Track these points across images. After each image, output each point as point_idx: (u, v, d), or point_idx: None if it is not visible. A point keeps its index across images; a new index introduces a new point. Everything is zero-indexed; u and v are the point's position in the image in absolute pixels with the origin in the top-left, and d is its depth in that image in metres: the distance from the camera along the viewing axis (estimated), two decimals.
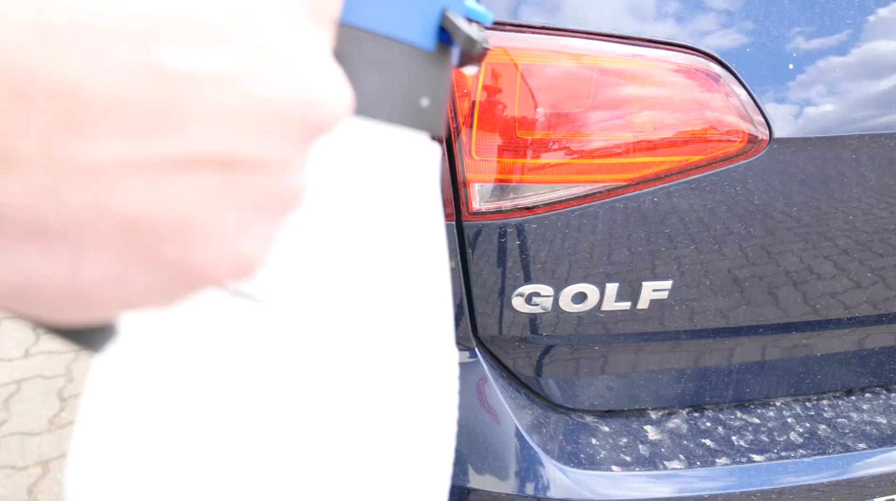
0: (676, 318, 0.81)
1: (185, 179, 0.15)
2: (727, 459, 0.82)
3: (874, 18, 0.74)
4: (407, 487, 0.27)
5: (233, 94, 0.15)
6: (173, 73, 0.14)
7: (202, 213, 0.15)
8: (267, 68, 0.15)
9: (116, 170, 0.14)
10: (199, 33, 0.14)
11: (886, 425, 0.90)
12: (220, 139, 0.15)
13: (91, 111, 0.13)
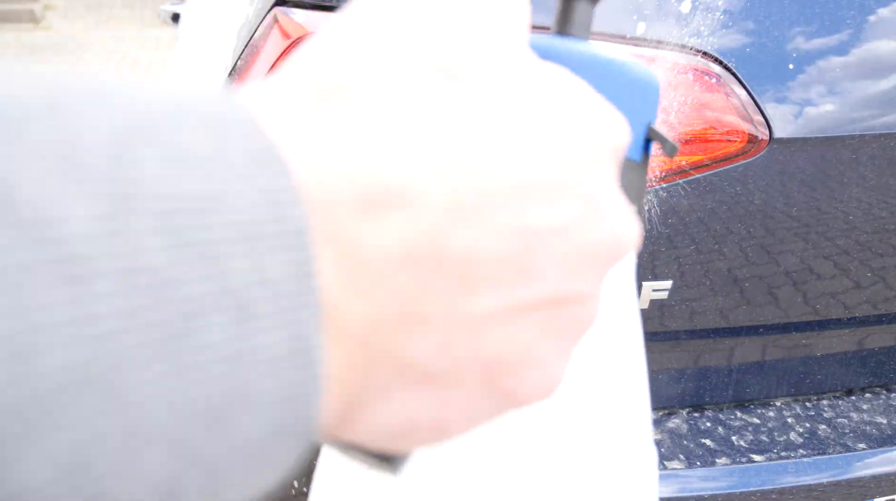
0: (676, 318, 0.81)
1: (530, 319, 0.17)
2: (727, 459, 0.82)
3: (874, 18, 0.74)
4: None
5: (570, 241, 0.17)
6: (534, 229, 0.16)
7: (536, 346, 0.17)
8: (592, 215, 0.17)
9: (490, 320, 0.16)
10: (549, 191, 0.16)
11: (886, 425, 0.90)
12: (560, 282, 0.17)
13: (481, 271, 0.15)
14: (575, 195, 0.17)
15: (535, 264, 0.16)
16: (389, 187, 0.14)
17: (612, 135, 0.19)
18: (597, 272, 0.18)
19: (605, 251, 0.18)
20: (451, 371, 0.16)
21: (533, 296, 0.16)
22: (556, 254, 0.16)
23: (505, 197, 0.15)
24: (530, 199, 0.16)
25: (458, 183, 0.15)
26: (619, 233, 0.18)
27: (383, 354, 0.15)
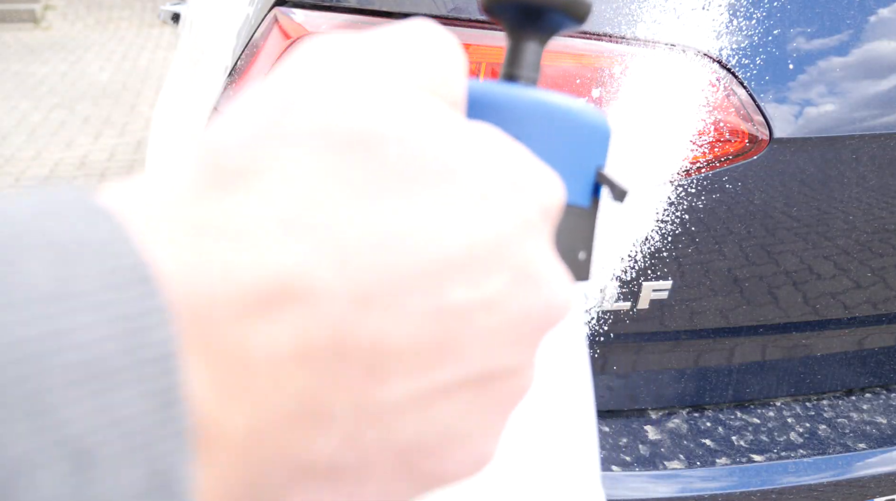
0: (676, 318, 0.81)
1: (451, 400, 0.16)
2: (727, 459, 0.82)
3: (874, 18, 0.74)
4: None
5: (496, 316, 0.16)
6: (454, 309, 0.15)
7: (458, 427, 0.16)
8: (521, 285, 0.16)
9: (403, 407, 0.15)
10: (471, 267, 0.15)
11: (886, 425, 0.90)
12: (486, 359, 0.16)
13: (392, 359, 0.14)
14: (501, 267, 0.16)
15: (456, 345, 0.15)
16: (281, 284, 0.13)
17: (542, 196, 0.18)
18: (529, 343, 0.17)
19: (538, 320, 0.17)
20: (360, 462, 0.15)
21: (454, 378, 0.16)
22: (480, 332, 0.16)
23: (418, 280, 0.14)
24: (448, 279, 0.15)
25: (364, 271, 0.14)
26: (553, 300, 0.17)
27: (278, 456, 0.14)
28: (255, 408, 0.13)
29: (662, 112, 0.70)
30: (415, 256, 0.14)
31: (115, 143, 4.19)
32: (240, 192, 0.14)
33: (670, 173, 0.72)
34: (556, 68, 0.68)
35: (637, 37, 0.69)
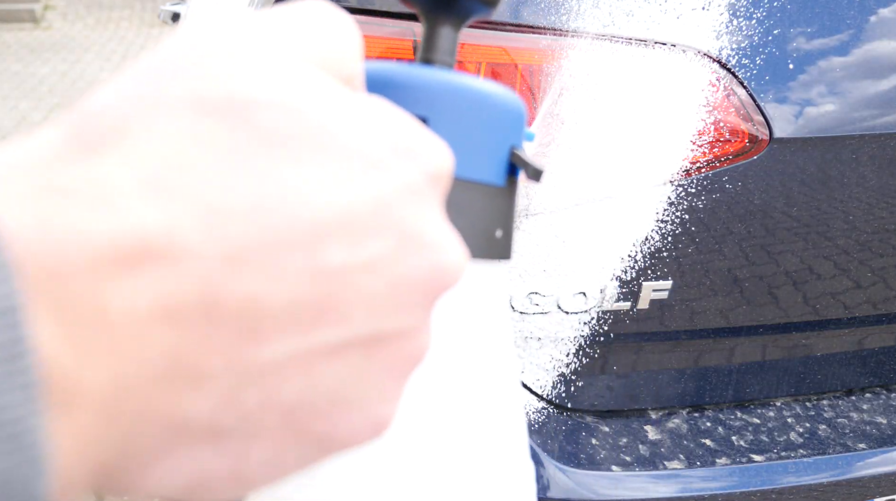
0: (676, 318, 0.81)
1: (337, 361, 0.16)
2: (727, 459, 0.82)
3: (874, 18, 0.74)
4: None
5: (379, 278, 0.16)
6: (332, 269, 0.15)
7: (348, 388, 0.17)
8: (406, 248, 0.17)
9: (284, 366, 0.15)
10: (351, 228, 0.16)
11: (886, 425, 0.90)
12: (369, 320, 0.16)
13: (267, 318, 0.14)
14: (382, 230, 0.16)
15: (337, 306, 0.15)
16: (140, 243, 0.13)
17: (427, 163, 0.18)
18: (420, 305, 0.18)
19: (425, 284, 0.17)
20: (243, 423, 0.15)
21: (338, 338, 0.16)
22: (362, 294, 0.16)
23: (292, 241, 0.15)
24: (325, 240, 0.15)
25: (234, 232, 0.14)
26: (440, 264, 0.18)
27: (148, 413, 0.14)
28: (117, 365, 0.13)
29: (662, 112, 0.70)
30: (288, 218, 0.14)
31: None
32: (103, 155, 0.14)
33: (670, 173, 0.72)
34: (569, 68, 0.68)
35: (637, 37, 0.69)
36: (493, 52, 0.68)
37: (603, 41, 0.69)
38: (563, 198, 0.71)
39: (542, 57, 0.68)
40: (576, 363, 0.81)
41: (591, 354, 0.81)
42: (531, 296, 0.75)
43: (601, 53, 0.68)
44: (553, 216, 0.72)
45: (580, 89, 0.68)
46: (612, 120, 0.69)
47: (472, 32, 0.69)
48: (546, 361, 0.81)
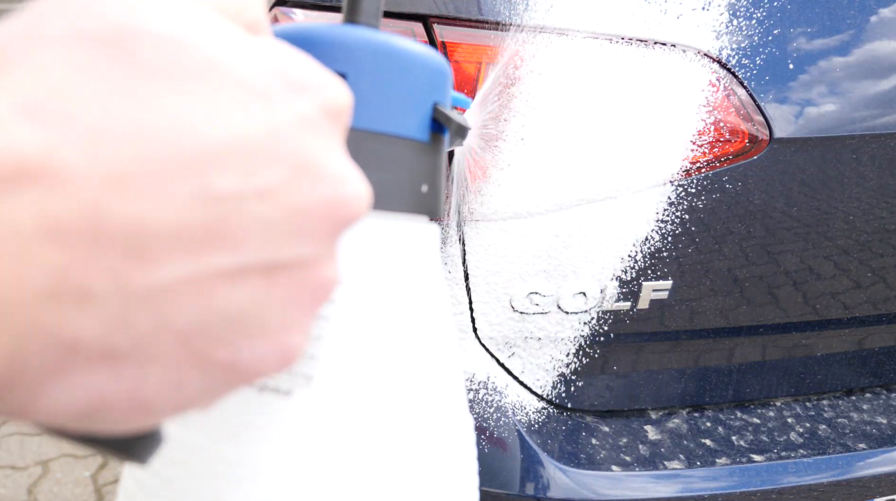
0: (676, 318, 0.81)
1: (235, 287, 0.16)
2: (727, 459, 0.82)
3: (874, 18, 0.74)
4: None
5: (273, 206, 0.17)
6: (223, 195, 0.16)
7: (250, 315, 0.17)
8: (301, 178, 0.17)
9: (176, 289, 0.15)
10: (243, 156, 0.16)
11: (886, 425, 0.90)
12: (265, 247, 0.17)
13: (155, 241, 0.15)
14: (275, 160, 0.17)
15: (230, 232, 0.16)
16: (18, 163, 0.13)
17: (323, 97, 0.18)
18: (320, 236, 0.18)
19: (325, 214, 0.18)
20: (136, 346, 0.15)
21: (233, 264, 0.16)
22: (256, 221, 0.16)
23: (178, 166, 0.15)
24: (214, 167, 0.15)
25: (118, 156, 0.14)
26: (338, 194, 0.18)
27: (34, 331, 0.14)
28: (0, 280, 0.13)
29: (662, 112, 0.70)
30: (173, 144, 0.15)
31: None
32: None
33: (670, 173, 0.72)
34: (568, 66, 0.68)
35: (637, 36, 0.69)
36: (493, 51, 0.68)
37: (603, 41, 0.69)
38: (563, 198, 0.71)
39: (541, 56, 0.68)
40: (576, 363, 0.81)
41: (591, 354, 0.81)
42: (531, 296, 0.75)
43: (601, 53, 0.68)
44: (553, 216, 0.72)
45: (580, 89, 0.68)
46: (612, 120, 0.69)
47: (472, 32, 0.69)
48: (546, 361, 0.81)
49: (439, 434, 0.29)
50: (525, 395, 0.81)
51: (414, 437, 0.28)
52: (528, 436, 0.78)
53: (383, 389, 0.27)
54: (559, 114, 0.68)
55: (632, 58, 0.69)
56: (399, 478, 0.27)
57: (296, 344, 0.19)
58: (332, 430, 0.26)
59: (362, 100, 0.26)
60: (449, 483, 0.30)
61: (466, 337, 0.77)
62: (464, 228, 0.72)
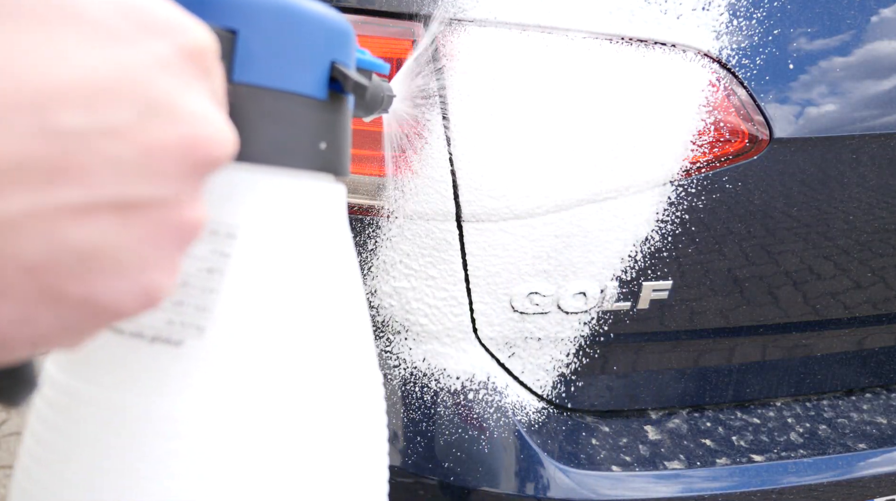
0: (676, 318, 0.81)
1: (84, 223, 0.17)
2: (727, 459, 0.82)
3: (874, 18, 0.74)
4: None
5: (123, 144, 0.17)
6: (67, 131, 0.16)
7: (103, 252, 0.17)
8: (153, 117, 0.17)
9: (20, 222, 0.16)
10: (88, 94, 0.16)
11: (886, 425, 0.90)
12: (114, 184, 0.17)
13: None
14: (125, 98, 0.17)
15: (78, 167, 0.16)
16: None
17: (181, 40, 0.19)
18: (177, 176, 0.18)
19: (179, 154, 0.18)
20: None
21: (82, 199, 0.16)
22: (106, 158, 0.16)
23: (20, 102, 0.15)
24: (61, 104, 0.16)
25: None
26: (196, 136, 0.18)
27: None
28: None
29: (663, 112, 0.70)
30: (15, 80, 0.15)
31: None
32: None
33: (670, 173, 0.72)
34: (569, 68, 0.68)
35: (638, 36, 0.69)
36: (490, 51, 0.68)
37: (603, 41, 0.69)
38: (563, 199, 0.71)
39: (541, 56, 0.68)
40: (576, 363, 0.81)
41: (591, 354, 0.81)
42: (531, 296, 0.75)
43: (602, 53, 0.68)
44: (553, 216, 0.72)
45: (580, 89, 0.68)
46: (612, 120, 0.69)
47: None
48: (546, 361, 0.81)
49: (340, 388, 0.30)
50: (525, 395, 0.81)
51: (313, 391, 0.28)
52: (528, 436, 0.78)
53: (281, 343, 0.28)
54: (559, 114, 0.68)
55: (632, 58, 0.69)
56: (297, 430, 0.28)
57: (157, 284, 0.19)
58: (226, 382, 0.26)
59: (254, 56, 0.27)
60: (352, 437, 0.30)
61: (467, 337, 0.77)
62: (464, 229, 0.72)
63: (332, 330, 0.30)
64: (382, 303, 0.75)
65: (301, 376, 0.28)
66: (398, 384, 0.76)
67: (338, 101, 0.30)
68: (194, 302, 0.26)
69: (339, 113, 0.31)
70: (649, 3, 0.68)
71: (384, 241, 0.72)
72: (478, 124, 0.68)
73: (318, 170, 0.30)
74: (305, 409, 0.28)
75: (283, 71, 0.27)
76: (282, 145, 0.28)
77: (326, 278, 0.30)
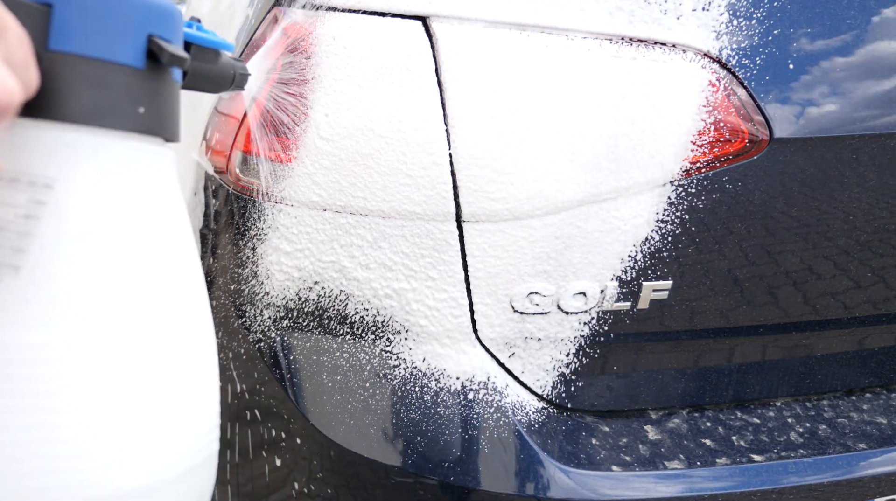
0: (676, 318, 0.81)
1: None
2: (727, 459, 0.82)
3: (875, 18, 0.74)
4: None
5: None
6: None
7: None
8: None
9: None
10: None
11: (886, 425, 0.90)
12: None
13: None
14: None
15: None
16: None
17: None
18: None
19: None
20: None
21: None
22: None
23: None
24: None
25: None
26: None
27: None
28: None
29: (663, 112, 0.70)
30: None
31: None
32: None
33: (670, 173, 0.72)
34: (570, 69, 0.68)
35: (638, 36, 0.69)
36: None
37: (603, 41, 0.69)
38: (563, 198, 0.71)
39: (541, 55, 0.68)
40: (576, 363, 0.81)
41: (591, 354, 0.81)
42: (531, 297, 0.75)
43: (602, 53, 0.68)
44: (553, 216, 0.72)
45: (581, 89, 0.68)
46: (612, 120, 0.69)
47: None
48: (546, 361, 0.81)
49: (163, 334, 0.34)
50: (525, 395, 0.81)
51: (131, 334, 0.32)
52: (528, 436, 0.78)
53: (91, 281, 0.31)
54: (559, 114, 0.68)
55: (632, 58, 0.68)
56: (109, 360, 0.31)
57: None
58: (38, 315, 0.30)
59: (70, 27, 0.30)
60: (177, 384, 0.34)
61: (467, 338, 0.77)
62: (464, 230, 0.72)
63: (143, 274, 0.33)
64: (382, 304, 0.75)
65: (110, 312, 0.32)
66: (398, 384, 0.76)
67: (158, 71, 0.34)
68: (11, 245, 0.29)
69: (159, 81, 0.34)
70: (649, 4, 0.68)
71: (266, 228, 0.73)
72: (478, 124, 0.68)
73: (138, 132, 0.33)
74: (115, 341, 0.32)
75: (98, 41, 0.31)
76: (98, 108, 0.31)
77: (139, 226, 0.33)
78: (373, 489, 0.77)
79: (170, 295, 0.34)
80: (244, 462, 0.84)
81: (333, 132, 0.68)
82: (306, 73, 0.68)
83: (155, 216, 0.34)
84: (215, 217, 0.81)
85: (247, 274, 0.76)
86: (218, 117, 0.80)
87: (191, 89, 0.49)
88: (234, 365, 0.80)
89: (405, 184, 0.69)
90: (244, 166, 0.73)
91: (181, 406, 0.35)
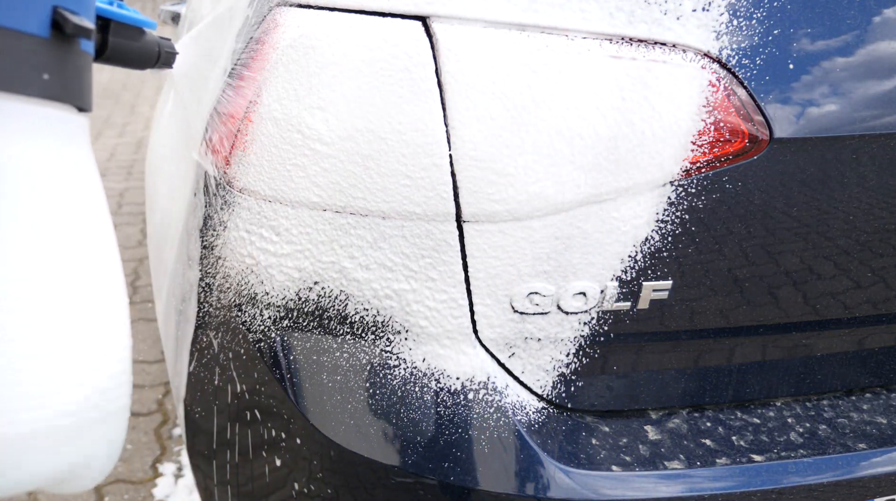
0: (676, 318, 0.81)
1: None
2: (727, 459, 0.82)
3: (875, 18, 0.74)
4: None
5: None
6: None
7: None
8: None
9: None
10: None
11: (886, 425, 0.90)
12: None
13: None
14: None
15: None
16: None
17: None
18: None
19: None
20: None
21: None
22: None
23: None
24: None
25: None
26: None
27: None
28: None
29: (662, 112, 0.70)
30: None
31: (115, 143, 4.18)
32: None
33: (670, 173, 0.72)
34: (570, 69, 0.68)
35: (638, 36, 0.69)
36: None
37: (604, 41, 0.68)
38: (563, 199, 0.71)
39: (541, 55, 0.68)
40: (576, 363, 0.81)
41: (591, 354, 0.81)
42: (531, 297, 0.75)
43: (602, 53, 0.68)
44: (553, 217, 0.72)
45: (580, 90, 0.68)
46: (612, 120, 0.69)
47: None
48: (546, 361, 0.81)
49: (70, 286, 0.36)
50: (525, 395, 0.81)
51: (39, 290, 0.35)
52: (528, 436, 0.78)
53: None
54: (559, 115, 0.68)
55: (632, 58, 0.68)
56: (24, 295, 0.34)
57: None
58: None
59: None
60: (74, 330, 0.37)
61: (467, 339, 0.77)
62: (464, 230, 0.72)
63: (45, 233, 0.35)
64: (382, 305, 0.75)
65: (9, 263, 0.34)
66: (398, 384, 0.76)
67: (65, 41, 0.35)
68: None
69: (66, 51, 0.36)
70: (649, 4, 0.68)
71: (266, 228, 0.74)
72: (478, 125, 0.68)
73: (42, 97, 0.35)
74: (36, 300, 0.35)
75: (2, 10, 0.32)
76: (1, 72, 0.33)
77: (45, 186, 0.35)
78: (373, 489, 0.77)
79: (73, 253, 0.37)
80: (244, 462, 0.84)
81: (333, 133, 0.68)
82: (305, 74, 0.68)
83: (62, 177, 0.36)
84: (215, 217, 0.81)
85: (246, 274, 0.76)
86: (218, 117, 0.80)
87: (114, 64, 0.52)
88: (234, 365, 0.80)
89: (405, 184, 0.69)
90: (244, 166, 0.73)
91: (75, 352, 0.37)
